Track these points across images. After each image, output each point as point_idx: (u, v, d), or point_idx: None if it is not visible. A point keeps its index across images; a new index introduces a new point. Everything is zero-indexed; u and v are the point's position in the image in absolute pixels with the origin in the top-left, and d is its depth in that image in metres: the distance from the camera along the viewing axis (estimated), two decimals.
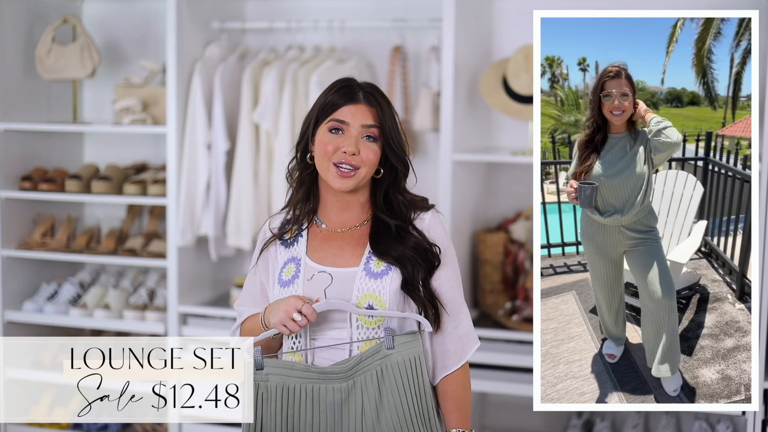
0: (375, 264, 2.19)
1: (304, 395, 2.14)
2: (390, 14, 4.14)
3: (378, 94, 2.23)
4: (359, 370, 2.14)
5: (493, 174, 4.17)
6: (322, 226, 2.26)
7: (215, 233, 4.09)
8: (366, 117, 2.19)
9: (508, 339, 3.79)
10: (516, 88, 3.84)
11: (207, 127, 4.04)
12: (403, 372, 2.13)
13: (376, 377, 2.13)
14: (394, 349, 2.13)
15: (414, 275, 2.18)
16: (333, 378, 2.14)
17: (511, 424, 4.21)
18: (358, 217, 2.26)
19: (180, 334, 4.04)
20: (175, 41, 3.95)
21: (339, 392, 2.14)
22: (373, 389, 2.13)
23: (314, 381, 2.15)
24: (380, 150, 2.21)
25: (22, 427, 4.21)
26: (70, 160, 4.50)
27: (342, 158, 2.17)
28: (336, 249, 2.23)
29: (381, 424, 2.13)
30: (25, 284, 4.31)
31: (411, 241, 2.20)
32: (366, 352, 2.15)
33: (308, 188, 2.27)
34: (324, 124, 2.20)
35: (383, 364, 2.13)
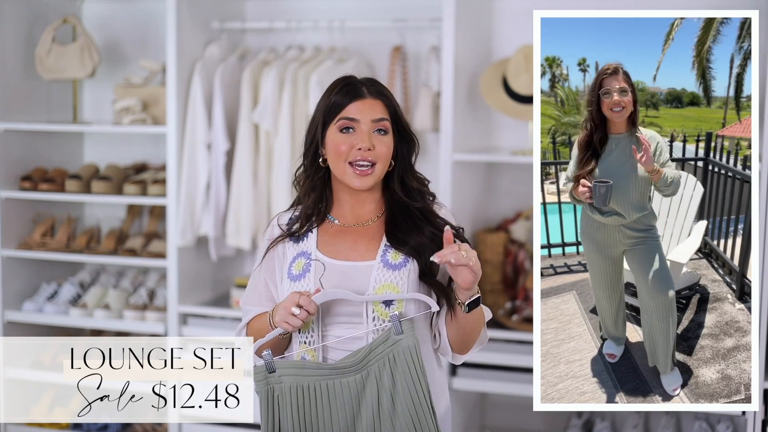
0: (393, 256, 2.18)
1: (319, 393, 2.13)
2: (390, 14, 4.14)
3: (379, 85, 2.23)
4: (371, 360, 2.12)
5: (493, 174, 4.17)
6: (335, 222, 2.25)
7: (215, 233, 4.10)
8: (374, 111, 2.19)
9: (508, 339, 3.79)
10: (516, 89, 3.84)
11: (207, 127, 4.04)
12: (414, 356, 2.10)
13: (389, 365, 2.11)
14: (404, 334, 2.11)
15: (432, 265, 2.17)
16: (346, 372, 2.13)
17: (511, 424, 4.21)
18: (372, 212, 2.25)
19: (180, 334, 4.04)
20: (175, 41, 3.95)
21: (354, 385, 2.12)
22: (387, 378, 2.11)
23: (327, 377, 2.13)
24: (392, 143, 2.21)
25: (22, 427, 4.21)
26: (70, 160, 4.50)
27: (358, 155, 2.16)
28: (350, 243, 2.22)
29: (397, 412, 2.10)
30: (25, 284, 4.31)
31: (428, 230, 2.20)
32: (376, 341, 2.12)
33: (320, 192, 2.25)
34: (333, 125, 2.19)
35: (395, 351, 2.10)
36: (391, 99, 2.23)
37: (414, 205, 2.22)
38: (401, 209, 2.23)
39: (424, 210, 2.24)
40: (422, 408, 2.10)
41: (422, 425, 2.10)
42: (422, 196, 2.25)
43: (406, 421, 2.10)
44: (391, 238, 2.20)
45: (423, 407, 2.10)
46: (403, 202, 2.23)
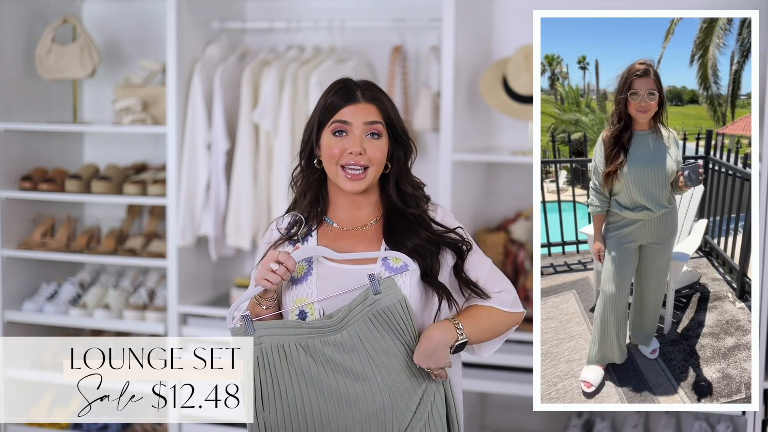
0: (393, 260, 2.19)
1: (300, 351, 2.14)
2: (390, 14, 4.14)
3: (375, 89, 2.24)
4: (350, 320, 2.13)
5: (493, 174, 4.17)
6: (334, 226, 2.26)
7: (215, 233, 4.09)
8: (367, 114, 2.20)
9: (507, 339, 3.77)
10: (516, 88, 3.84)
11: (207, 127, 4.04)
12: (396, 315, 2.12)
13: (367, 324, 2.13)
14: (381, 293, 2.13)
15: (433, 266, 2.18)
16: (326, 331, 2.14)
17: (511, 424, 4.21)
18: (370, 215, 2.26)
19: (180, 334, 4.04)
20: (175, 41, 3.95)
21: (335, 344, 2.13)
22: (366, 338, 2.12)
23: (307, 336, 2.14)
24: (386, 146, 2.22)
25: (22, 427, 4.21)
26: (70, 160, 4.50)
27: (349, 159, 2.17)
28: (349, 246, 2.23)
29: (388, 367, 2.12)
30: (25, 284, 4.31)
31: (424, 234, 2.21)
32: (354, 300, 2.14)
33: (316, 193, 2.26)
34: (327, 128, 2.21)
35: (373, 310, 2.13)
36: (387, 103, 2.23)
37: (409, 212, 2.23)
38: (398, 213, 2.24)
39: (419, 216, 2.24)
40: (406, 366, 2.13)
41: (413, 387, 2.13)
42: (417, 201, 2.26)
43: (400, 378, 2.12)
44: (389, 242, 2.21)
45: (405, 366, 2.13)
46: (398, 207, 2.24)
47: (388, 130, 2.23)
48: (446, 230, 2.24)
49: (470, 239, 2.27)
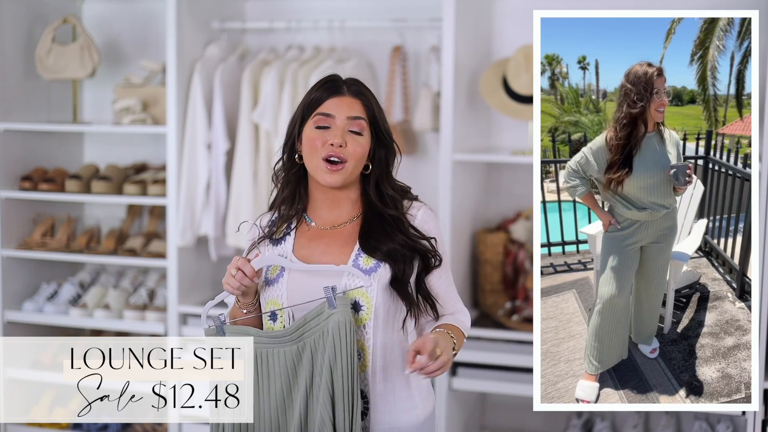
0: (364, 261, 2.19)
1: (260, 360, 2.18)
2: (390, 14, 4.14)
3: (361, 86, 2.24)
4: (307, 332, 2.15)
5: (493, 174, 4.17)
6: (312, 224, 2.26)
7: (215, 233, 4.09)
8: (351, 108, 2.20)
9: (508, 339, 3.79)
10: (516, 88, 3.84)
11: (207, 127, 4.04)
12: (343, 332, 2.11)
13: (322, 338, 2.13)
14: (336, 309, 2.13)
15: (405, 272, 2.19)
16: (283, 341, 2.16)
17: (511, 424, 4.21)
18: (348, 213, 2.26)
19: (180, 334, 4.04)
20: (175, 41, 3.95)
21: (290, 355, 2.16)
22: (321, 351, 2.13)
23: (267, 345, 2.18)
24: (367, 144, 2.22)
25: (22, 427, 4.21)
26: (70, 160, 4.50)
27: (330, 151, 2.17)
28: (323, 246, 2.23)
29: (334, 385, 2.12)
30: (25, 284, 4.31)
31: (400, 237, 2.20)
32: (310, 313, 2.15)
33: (294, 188, 2.27)
34: (310, 120, 2.21)
35: (327, 325, 2.13)
36: (372, 101, 2.24)
37: (387, 212, 2.23)
38: (375, 214, 2.24)
39: (397, 218, 2.24)
40: (345, 383, 2.11)
41: (340, 401, 2.12)
42: (396, 204, 2.25)
43: (324, 395, 2.12)
44: (364, 245, 2.21)
45: (346, 383, 2.11)
46: (377, 207, 2.24)
47: (371, 128, 2.23)
48: (421, 236, 2.23)
49: (442, 254, 2.26)
